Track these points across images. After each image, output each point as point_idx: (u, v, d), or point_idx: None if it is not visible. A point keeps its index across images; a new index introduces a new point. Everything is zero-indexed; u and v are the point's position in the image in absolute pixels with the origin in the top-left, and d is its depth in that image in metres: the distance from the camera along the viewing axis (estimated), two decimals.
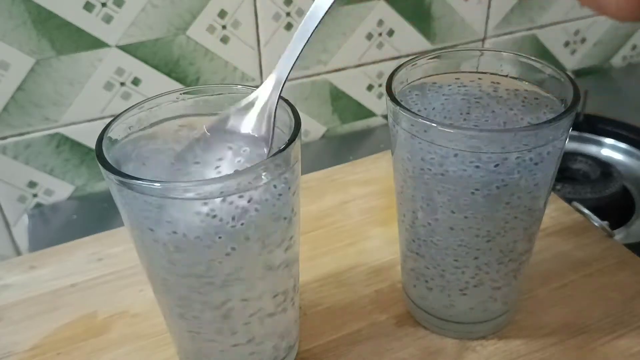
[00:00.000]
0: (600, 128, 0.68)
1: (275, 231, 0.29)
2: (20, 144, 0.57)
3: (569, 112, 0.30)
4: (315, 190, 0.51)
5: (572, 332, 0.37)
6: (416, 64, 0.35)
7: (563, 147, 0.31)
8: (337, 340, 0.37)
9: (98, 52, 0.55)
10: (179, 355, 0.36)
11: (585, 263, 0.42)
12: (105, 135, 0.29)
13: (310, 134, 0.69)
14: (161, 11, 0.56)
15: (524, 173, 0.30)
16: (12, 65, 0.53)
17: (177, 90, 0.32)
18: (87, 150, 0.59)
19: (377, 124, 0.72)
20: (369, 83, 0.69)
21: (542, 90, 0.34)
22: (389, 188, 0.45)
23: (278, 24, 0.61)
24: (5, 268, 0.44)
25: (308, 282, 0.42)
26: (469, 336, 0.37)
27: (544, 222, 0.42)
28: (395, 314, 0.39)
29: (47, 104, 0.56)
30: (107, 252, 0.45)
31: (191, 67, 0.60)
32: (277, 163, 0.27)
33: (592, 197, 0.58)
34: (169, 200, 0.26)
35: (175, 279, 0.29)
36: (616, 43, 0.81)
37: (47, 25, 0.53)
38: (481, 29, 0.71)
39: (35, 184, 0.59)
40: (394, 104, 0.31)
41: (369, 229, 0.46)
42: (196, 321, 0.31)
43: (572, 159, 0.64)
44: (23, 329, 0.39)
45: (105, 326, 0.39)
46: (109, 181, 0.27)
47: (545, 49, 0.77)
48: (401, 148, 0.32)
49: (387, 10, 0.65)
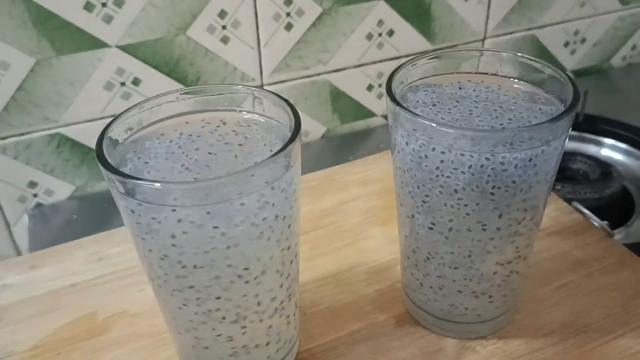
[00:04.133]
0: (600, 128, 0.68)
1: (275, 231, 0.29)
2: (20, 144, 0.57)
3: (569, 112, 0.30)
4: (315, 190, 0.51)
5: (572, 332, 0.37)
6: (416, 64, 0.35)
7: (563, 147, 0.31)
8: (337, 340, 0.37)
9: (98, 52, 0.55)
10: (179, 355, 0.36)
11: (585, 263, 0.42)
12: (106, 135, 0.29)
13: (310, 134, 0.69)
14: (161, 11, 0.56)
15: (523, 173, 0.30)
16: (12, 65, 0.53)
17: (177, 90, 0.32)
18: (87, 150, 0.59)
19: (377, 124, 0.72)
20: (369, 83, 0.69)
21: (542, 91, 0.34)
22: (389, 188, 0.46)
23: (278, 24, 0.61)
24: (5, 268, 0.44)
25: (308, 282, 0.42)
26: (469, 336, 0.37)
27: (544, 222, 0.42)
28: (395, 314, 0.39)
29: (47, 104, 0.56)
30: (107, 252, 0.45)
31: (191, 67, 0.60)
32: (277, 163, 0.27)
33: (592, 197, 0.58)
34: (167, 201, 0.26)
35: (175, 279, 0.29)
36: (616, 43, 0.81)
37: (47, 25, 0.53)
38: (481, 29, 0.71)
39: (35, 184, 0.59)
40: (394, 104, 0.31)
41: (369, 229, 0.46)
42: (195, 321, 0.31)
43: (572, 159, 0.64)
44: (23, 329, 0.39)
45: (105, 326, 0.39)
46: (109, 181, 0.27)
47: (545, 49, 0.77)
48: (401, 148, 0.32)
49: (387, 10, 0.65)
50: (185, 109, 0.32)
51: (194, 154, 0.30)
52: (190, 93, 0.33)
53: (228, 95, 0.33)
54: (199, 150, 0.30)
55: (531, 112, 0.32)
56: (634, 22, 0.80)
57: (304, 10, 0.61)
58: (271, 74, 0.63)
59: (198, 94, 0.33)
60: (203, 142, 0.30)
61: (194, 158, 0.29)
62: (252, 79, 0.63)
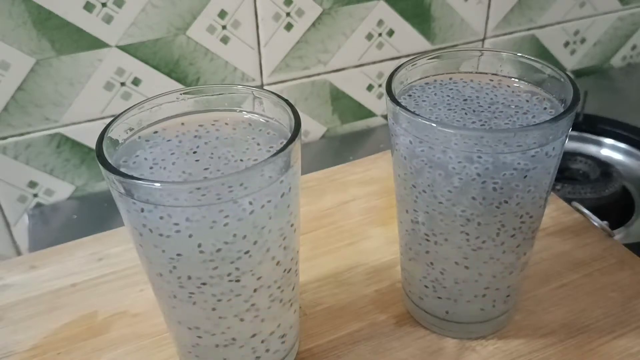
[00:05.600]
0: (600, 128, 0.68)
1: (275, 231, 0.29)
2: (20, 144, 0.57)
3: (569, 112, 0.30)
4: (315, 190, 0.51)
5: (572, 332, 0.37)
6: (416, 64, 0.35)
7: (563, 147, 0.31)
8: (337, 340, 0.37)
9: (98, 52, 0.55)
10: (179, 355, 0.36)
11: (585, 263, 0.42)
12: (106, 135, 0.29)
13: (310, 134, 0.69)
14: (161, 11, 0.56)
15: (523, 173, 0.30)
16: (13, 65, 0.53)
17: (177, 90, 0.32)
18: (87, 150, 0.59)
19: (377, 124, 0.72)
20: (369, 83, 0.69)
21: (542, 91, 0.34)
22: (389, 188, 0.46)
23: (278, 24, 0.61)
24: (5, 268, 0.44)
25: (308, 282, 0.42)
26: (469, 336, 0.37)
27: (544, 222, 0.42)
28: (395, 314, 0.39)
29: (47, 104, 0.56)
30: (107, 252, 0.45)
31: (191, 67, 0.60)
32: (277, 163, 0.27)
33: (592, 197, 0.58)
34: (167, 201, 0.26)
35: (175, 279, 0.29)
36: (616, 43, 0.81)
37: (47, 25, 0.53)
38: (481, 29, 0.71)
39: (35, 184, 0.59)
40: (394, 104, 0.31)
41: (369, 229, 0.46)
42: (196, 321, 0.31)
43: (572, 159, 0.64)
44: (23, 329, 0.39)
45: (105, 326, 0.39)
46: (109, 181, 0.27)
47: (545, 49, 0.77)
48: (401, 148, 0.32)
49: (387, 10, 0.65)
50: (185, 109, 0.32)
51: (193, 154, 0.30)
52: (190, 93, 0.33)
53: (228, 95, 0.33)
54: (199, 150, 0.30)
55: (531, 112, 0.32)
56: (634, 22, 0.80)
57: (304, 10, 0.61)
58: (271, 74, 0.63)
59: (198, 94, 0.33)
60: (203, 142, 0.30)
61: (194, 158, 0.29)
62: (252, 79, 0.63)
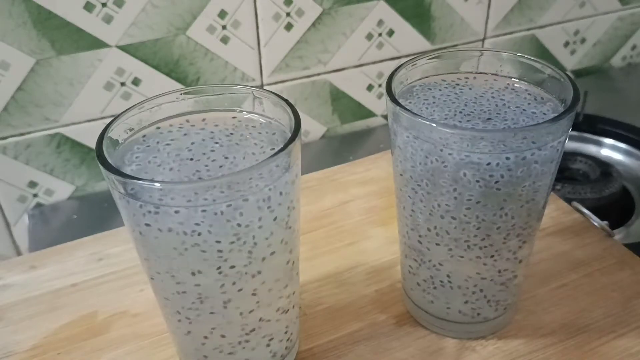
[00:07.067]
0: (600, 128, 0.68)
1: (276, 231, 0.29)
2: (20, 144, 0.57)
3: (569, 112, 0.30)
4: (315, 190, 0.51)
5: (572, 332, 0.37)
6: (416, 64, 0.35)
7: (563, 147, 0.31)
8: (337, 340, 0.37)
9: (98, 52, 0.55)
10: (179, 355, 0.36)
11: (585, 263, 0.42)
12: (106, 135, 0.29)
13: (310, 134, 0.69)
14: (161, 11, 0.56)
15: (523, 173, 0.30)
16: (12, 65, 0.53)
17: (177, 90, 0.32)
18: (87, 150, 0.59)
19: (377, 124, 0.72)
20: (369, 83, 0.69)
21: (542, 91, 0.34)
22: (389, 188, 0.46)
23: (278, 24, 0.61)
24: (5, 268, 0.44)
25: (308, 282, 0.42)
26: (469, 336, 0.37)
27: (544, 222, 0.42)
28: (395, 314, 0.39)
29: (47, 104, 0.56)
30: (107, 252, 0.45)
31: (191, 67, 0.60)
32: (277, 163, 0.27)
33: (592, 197, 0.58)
34: (167, 201, 0.26)
35: (175, 279, 0.29)
36: (616, 43, 0.81)
37: (47, 25, 0.53)
38: (481, 29, 0.71)
39: (35, 184, 0.59)
40: (394, 104, 0.31)
41: (369, 229, 0.46)
42: (195, 321, 0.31)
43: (572, 159, 0.64)
44: (23, 329, 0.39)
45: (105, 326, 0.39)
46: (109, 181, 0.27)
47: (545, 49, 0.77)
48: (401, 148, 0.32)
49: (387, 10, 0.65)
50: (185, 109, 0.32)
51: (193, 154, 0.30)
52: (190, 93, 0.33)
53: (228, 95, 0.33)
54: (199, 150, 0.30)
55: (531, 112, 0.32)
56: (634, 22, 0.80)
57: (304, 10, 0.61)
58: (271, 74, 0.63)
59: (198, 94, 0.33)
60: (203, 142, 0.30)
61: (193, 158, 0.29)
62: (252, 79, 0.63)
